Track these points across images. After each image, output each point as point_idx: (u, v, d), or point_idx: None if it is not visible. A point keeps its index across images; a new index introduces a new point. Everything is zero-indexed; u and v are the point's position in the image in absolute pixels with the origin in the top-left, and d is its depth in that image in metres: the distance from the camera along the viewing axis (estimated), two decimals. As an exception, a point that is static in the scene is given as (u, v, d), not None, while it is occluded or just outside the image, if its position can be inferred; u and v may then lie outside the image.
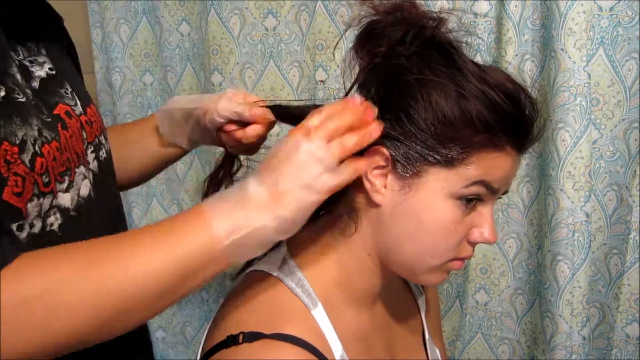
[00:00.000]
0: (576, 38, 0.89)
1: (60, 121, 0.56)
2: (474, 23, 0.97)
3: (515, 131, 0.55)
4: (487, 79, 0.54)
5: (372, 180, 0.56)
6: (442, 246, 0.57)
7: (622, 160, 0.98)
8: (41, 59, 0.59)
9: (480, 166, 0.54)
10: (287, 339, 0.53)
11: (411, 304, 0.75)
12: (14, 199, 0.46)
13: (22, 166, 0.47)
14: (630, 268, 1.02)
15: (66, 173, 0.55)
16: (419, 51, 0.56)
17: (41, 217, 0.50)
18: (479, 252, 1.11)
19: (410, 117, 0.54)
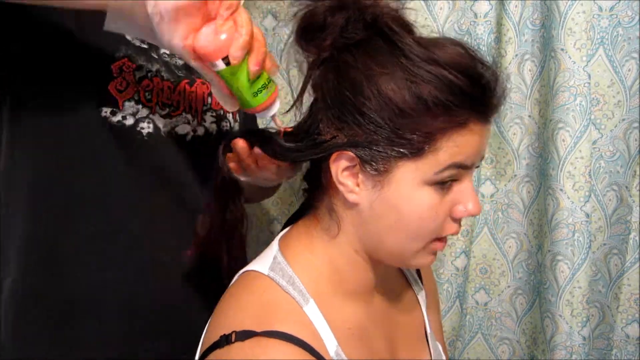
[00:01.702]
0: (576, 38, 0.89)
1: (189, 79, 0.76)
2: (474, 23, 0.97)
3: (476, 105, 0.53)
4: (436, 58, 0.52)
5: (344, 182, 0.56)
6: (424, 230, 0.57)
7: (622, 160, 0.98)
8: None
9: (448, 149, 0.53)
10: (279, 336, 0.53)
11: (411, 299, 0.75)
12: (114, 92, 0.68)
13: (132, 77, 0.69)
14: (630, 268, 1.02)
15: (169, 106, 0.73)
16: (364, 39, 0.55)
17: (134, 117, 0.70)
18: (479, 252, 1.11)
19: (366, 116, 0.53)
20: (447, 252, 1.07)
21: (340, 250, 0.61)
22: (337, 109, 0.55)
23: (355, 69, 0.54)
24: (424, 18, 0.97)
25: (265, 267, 0.60)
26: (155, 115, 0.72)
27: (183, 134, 0.75)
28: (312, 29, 0.57)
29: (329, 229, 0.61)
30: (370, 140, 0.54)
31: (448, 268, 1.07)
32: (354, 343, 0.60)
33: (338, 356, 0.57)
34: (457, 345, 1.16)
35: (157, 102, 0.72)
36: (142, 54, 0.71)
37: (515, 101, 1.01)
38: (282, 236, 0.65)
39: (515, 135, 1.03)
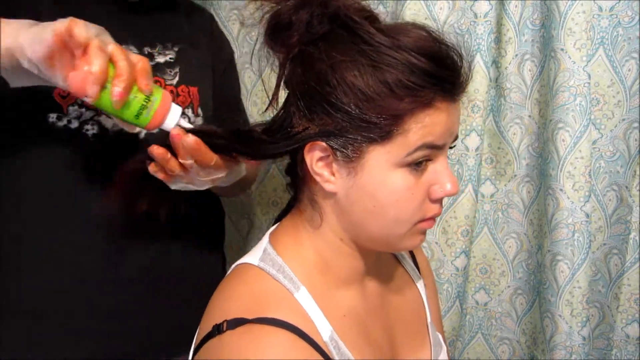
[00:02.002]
0: (576, 38, 0.89)
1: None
2: (474, 23, 0.97)
3: (440, 84, 0.54)
4: (398, 43, 0.53)
5: (319, 172, 0.57)
6: (404, 214, 0.57)
7: (622, 160, 0.98)
8: (169, 52, 0.82)
9: (417, 130, 0.54)
10: (270, 322, 0.54)
11: (410, 288, 0.75)
12: (58, 98, 0.71)
13: None
14: (630, 268, 1.02)
15: None
16: (328, 32, 0.56)
17: (79, 120, 0.73)
18: (479, 252, 1.11)
19: (333, 105, 0.54)
20: (447, 252, 1.07)
21: (326, 240, 0.62)
22: (306, 100, 0.57)
23: (320, 60, 0.55)
24: (424, 18, 0.97)
25: (256, 259, 0.61)
26: (102, 117, 0.74)
27: (135, 132, 0.75)
28: (278, 29, 0.58)
29: (312, 220, 0.62)
30: (340, 128, 0.55)
31: (448, 268, 1.07)
32: (349, 329, 0.61)
33: (333, 341, 0.58)
34: (457, 345, 1.16)
35: None
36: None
37: (515, 101, 1.01)
38: (272, 231, 0.67)
39: (515, 135, 1.03)
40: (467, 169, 1.02)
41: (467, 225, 1.05)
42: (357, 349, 0.60)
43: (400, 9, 0.97)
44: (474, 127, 1.00)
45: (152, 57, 0.80)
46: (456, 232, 1.05)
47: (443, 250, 1.07)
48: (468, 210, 1.04)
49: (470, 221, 1.05)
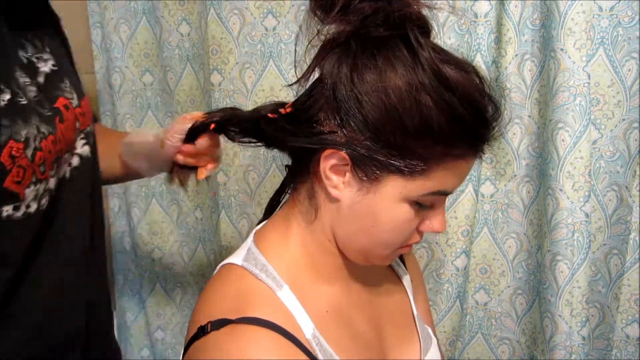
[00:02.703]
0: (576, 38, 0.89)
1: (58, 114, 0.62)
2: (474, 23, 0.97)
3: (475, 140, 0.55)
4: (451, 85, 0.51)
5: (330, 176, 0.57)
6: (394, 240, 0.59)
7: (622, 160, 0.98)
8: (46, 55, 0.65)
9: (439, 177, 0.55)
10: (253, 321, 0.54)
11: (396, 283, 0.76)
12: (13, 186, 0.55)
13: (26, 159, 0.56)
14: (630, 268, 1.02)
15: (56, 161, 0.62)
16: (386, 38, 0.53)
17: (37, 200, 0.59)
18: (479, 252, 1.11)
19: (370, 125, 0.53)
20: (447, 252, 1.07)
21: (314, 237, 0.62)
22: (343, 106, 0.54)
23: (372, 72, 0.53)
24: (424, 18, 0.97)
25: (240, 259, 0.62)
26: (49, 182, 0.61)
27: (62, 175, 0.65)
28: (333, 2, 0.54)
29: (306, 214, 0.62)
30: (368, 148, 0.54)
31: (448, 268, 1.07)
32: (332, 325, 0.61)
33: (315, 338, 0.58)
34: (457, 345, 1.16)
35: (50, 167, 0.61)
36: (16, 114, 0.55)
37: (515, 101, 1.01)
38: (258, 229, 0.67)
39: (515, 135, 1.03)
40: (467, 169, 1.02)
41: (467, 225, 1.05)
42: (339, 345, 0.60)
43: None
44: (474, 127, 1.00)
45: (35, 68, 0.62)
46: (456, 232, 1.05)
47: (443, 250, 1.07)
48: (468, 210, 1.04)
49: (470, 221, 1.05)
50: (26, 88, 0.58)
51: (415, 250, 1.09)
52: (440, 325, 1.10)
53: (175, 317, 1.40)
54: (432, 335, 0.76)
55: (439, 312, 1.10)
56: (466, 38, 0.98)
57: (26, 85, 0.58)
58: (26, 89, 0.58)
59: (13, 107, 0.55)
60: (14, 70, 0.57)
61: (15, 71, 0.57)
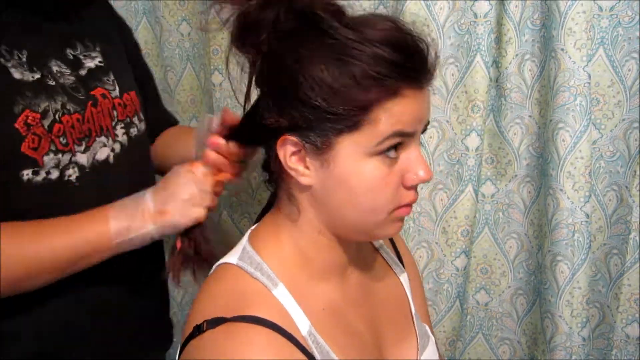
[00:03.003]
0: (576, 38, 0.89)
1: (92, 99, 0.74)
2: (474, 23, 0.97)
3: (405, 73, 0.55)
4: (363, 36, 0.54)
5: (294, 167, 0.59)
6: (379, 202, 0.58)
7: (622, 160, 0.98)
8: (94, 54, 0.78)
9: (385, 119, 0.55)
10: (249, 319, 0.55)
11: (393, 280, 0.76)
12: (29, 152, 0.65)
13: (42, 129, 0.66)
14: (631, 268, 1.02)
15: (84, 139, 0.72)
16: (294, 29, 0.57)
17: (59, 169, 0.68)
18: (480, 252, 1.11)
19: (301, 100, 0.55)
20: (447, 252, 1.07)
21: (304, 234, 0.63)
22: (275, 96, 0.58)
23: (286, 57, 0.56)
24: (424, 18, 0.97)
25: (235, 258, 0.62)
26: (77, 155, 0.71)
27: (104, 158, 0.75)
28: (246, 30, 0.59)
29: (290, 214, 0.63)
30: (309, 121, 0.56)
31: (448, 268, 1.07)
32: (328, 323, 0.62)
33: (311, 336, 0.59)
34: (457, 346, 1.16)
35: (74, 141, 0.70)
36: (40, 90, 0.67)
37: (515, 101, 1.01)
38: (252, 229, 0.68)
39: (516, 136, 1.03)
40: (467, 169, 1.02)
41: (467, 225, 1.05)
42: (335, 341, 0.61)
43: (400, 9, 0.97)
44: (474, 127, 1.00)
45: (81, 63, 0.75)
46: (456, 232, 1.05)
47: (443, 250, 1.07)
48: (468, 210, 1.04)
49: (470, 221, 1.05)
50: (60, 75, 0.71)
51: (415, 250, 1.09)
52: (440, 325, 1.10)
53: (176, 317, 1.40)
54: (430, 333, 0.76)
55: (439, 312, 1.10)
56: (466, 38, 0.98)
57: (61, 73, 0.71)
58: (59, 76, 0.70)
59: (39, 84, 0.67)
60: (50, 61, 0.70)
61: (51, 61, 0.70)
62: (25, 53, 0.67)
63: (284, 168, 0.59)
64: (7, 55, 0.65)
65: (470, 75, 0.98)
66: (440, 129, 1.03)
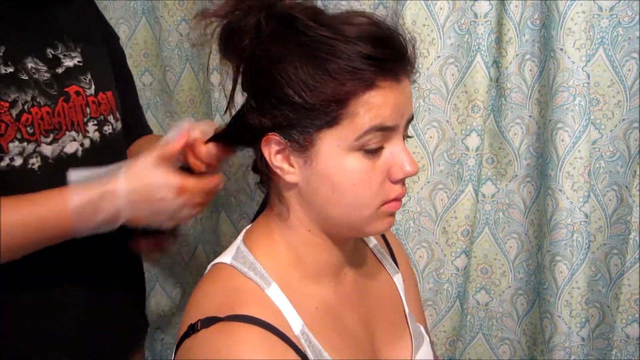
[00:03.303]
0: (575, 38, 0.89)
1: (64, 95, 0.76)
2: (474, 23, 0.97)
3: (379, 65, 0.55)
4: (336, 32, 0.55)
5: (279, 165, 0.59)
6: (364, 197, 0.58)
7: (622, 160, 0.98)
8: (74, 54, 0.80)
9: (364, 113, 0.55)
10: (242, 319, 0.55)
11: (387, 281, 0.76)
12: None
13: (9, 117, 0.69)
14: (631, 268, 1.02)
15: (52, 131, 0.74)
16: (273, 31, 0.58)
17: (23, 156, 0.70)
18: (480, 252, 1.11)
19: (279, 99, 0.57)
20: (447, 252, 1.07)
21: (295, 233, 0.63)
22: (257, 98, 0.59)
23: (264, 57, 0.58)
24: (424, 18, 0.97)
25: (229, 258, 0.63)
26: (42, 146, 0.73)
27: (72, 152, 0.77)
28: (231, 38, 0.61)
29: (281, 214, 0.64)
30: (290, 119, 0.57)
31: (448, 268, 1.07)
32: (321, 322, 0.62)
33: (304, 335, 0.59)
34: (457, 346, 1.16)
35: (41, 132, 0.73)
36: (11, 82, 0.70)
37: (516, 101, 1.01)
38: (247, 229, 0.68)
39: (516, 136, 1.03)
40: (467, 169, 1.02)
41: (468, 225, 1.05)
42: (329, 341, 0.61)
43: (401, 9, 0.97)
44: (475, 127, 1.00)
45: (59, 62, 0.78)
46: (456, 232, 1.05)
47: (443, 250, 1.07)
48: (468, 210, 1.04)
49: (470, 221, 1.05)
50: (35, 71, 0.73)
51: (415, 250, 1.09)
52: (440, 325, 1.10)
53: (175, 317, 1.40)
54: (425, 333, 0.76)
55: (439, 312, 1.10)
56: (466, 38, 0.98)
57: (37, 70, 0.74)
58: (34, 72, 0.73)
59: (10, 77, 0.69)
60: (26, 58, 0.73)
61: (28, 58, 0.73)
62: (3, 49, 0.70)
63: (271, 167, 0.60)
64: None
65: (470, 75, 0.98)
66: (440, 129, 1.03)
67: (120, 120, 0.86)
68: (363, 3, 1.02)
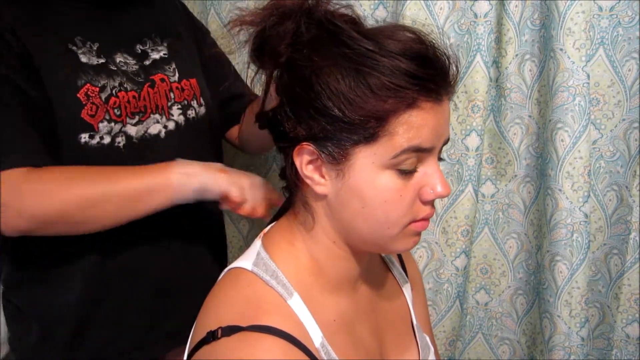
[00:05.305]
0: (575, 38, 0.89)
1: (150, 82, 0.84)
2: (474, 23, 0.97)
3: (422, 85, 0.54)
4: (381, 46, 0.54)
5: (310, 175, 0.58)
6: (393, 215, 0.57)
7: (622, 160, 0.98)
8: (160, 48, 0.88)
9: (402, 133, 0.54)
10: (265, 329, 0.54)
11: (396, 292, 0.76)
12: (87, 118, 0.76)
13: (99, 100, 0.77)
14: (631, 268, 1.02)
15: (138, 114, 0.81)
16: (313, 38, 0.57)
17: (111, 135, 0.79)
18: (480, 252, 1.11)
19: (318, 110, 0.55)
20: (447, 252, 1.07)
21: (318, 243, 0.62)
22: (293, 106, 0.58)
23: (304, 66, 0.56)
24: (424, 18, 0.97)
25: (249, 263, 0.61)
26: (127, 126, 0.80)
27: (156, 133, 0.84)
28: (265, 44, 0.59)
29: (305, 222, 0.63)
30: (325, 131, 0.55)
31: (448, 268, 1.07)
32: (338, 334, 0.61)
33: (323, 347, 0.58)
34: (457, 345, 1.16)
35: (127, 114, 0.80)
36: (101, 71, 0.78)
37: (515, 101, 1.01)
38: (265, 233, 0.67)
39: (516, 136, 1.03)
40: (467, 169, 1.02)
41: (467, 225, 1.05)
42: (345, 353, 0.60)
43: (401, 9, 0.98)
44: (474, 127, 1.00)
45: (147, 55, 0.86)
46: (456, 232, 1.05)
47: (443, 250, 1.07)
48: (468, 210, 1.04)
49: (470, 221, 1.05)
50: (124, 64, 0.82)
51: (415, 250, 1.09)
52: (440, 325, 1.10)
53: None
54: (430, 344, 0.76)
55: (439, 312, 1.10)
56: (466, 38, 0.98)
57: (126, 63, 0.82)
58: (122, 64, 0.81)
59: (101, 67, 0.78)
60: (116, 52, 0.82)
61: (118, 53, 0.82)
62: (97, 44, 0.79)
63: (300, 176, 0.59)
64: (80, 44, 0.77)
65: (470, 75, 0.98)
66: (440, 129, 1.03)
67: (204, 106, 0.92)
68: (363, 3, 1.02)
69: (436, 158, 0.59)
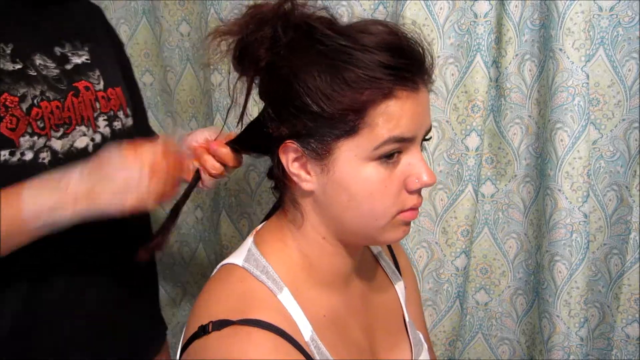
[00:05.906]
0: (574, 38, 0.89)
1: (73, 90, 0.77)
2: (474, 23, 0.97)
3: (397, 74, 0.55)
4: (354, 41, 0.55)
5: (296, 173, 0.60)
6: (379, 207, 0.58)
7: (622, 160, 0.98)
8: (82, 52, 0.81)
9: (383, 123, 0.55)
10: (254, 323, 0.55)
11: (389, 288, 0.76)
12: (7, 132, 0.67)
13: (20, 111, 0.69)
14: (631, 268, 1.02)
15: (62, 126, 0.74)
16: (290, 40, 0.58)
17: (33, 151, 0.70)
18: (480, 252, 1.11)
19: (298, 107, 0.57)
20: (447, 252, 1.07)
21: (308, 240, 0.63)
22: (275, 106, 0.60)
23: (282, 67, 0.58)
24: (424, 18, 0.97)
25: (241, 260, 0.63)
26: (52, 140, 0.72)
27: (83, 147, 0.77)
28: (245, 51, 0.61)
29: (295, 220, 0.64)
30: (308, 128, 0.57)
31: (448, 268, 1.07)
32: (328, 329, 0.62)
33: (313, 341, 0.59)
34: (457, 345, 1.16)
35: (51, 126, 0.72)
36: (20, 78, 0.70)
37: (515, 101, 1.01)
38: (257, 231, 0.68)
39: (516, 136, 1.03)
40: (467, 169, 1.02)
41: (467, 225, 1.05)
42: (335, 348, 0.61)
43: (400, 9, 0.97)
44: (474, 127, 1.00)
45: (68, 59, 0.79)
46: (456, 232, 1.05)
47: (443, 250, 1.07)
48: (468, 210, 1.04)
49: (470, 221, 1.05)
50: (43, 67, 0.74)
51: (415, 250, 1.09)
52: (440, 325, 1.10)
53: (176, 317, 1.40)
54: (424, 341, 0.76)
55: (439, 312, 1.10)
56: (466, 38, 0.98)
57: (45, 67, 0.74)
58: (42, 68, 0.73)
59: (19, 73, 0.70)
60: (34, 55, 0.73)
61: (36, 55, 0.73)
62: (11, 46, 0.71)
63: (287, 174, 0.60)
64: None
65: (470, 75, 0.98)
66: (440, 129, 1.03)
67: (131, 116, 0.87)
68: (363, 3, 1.02)
69: (419, 148, 0.59)
